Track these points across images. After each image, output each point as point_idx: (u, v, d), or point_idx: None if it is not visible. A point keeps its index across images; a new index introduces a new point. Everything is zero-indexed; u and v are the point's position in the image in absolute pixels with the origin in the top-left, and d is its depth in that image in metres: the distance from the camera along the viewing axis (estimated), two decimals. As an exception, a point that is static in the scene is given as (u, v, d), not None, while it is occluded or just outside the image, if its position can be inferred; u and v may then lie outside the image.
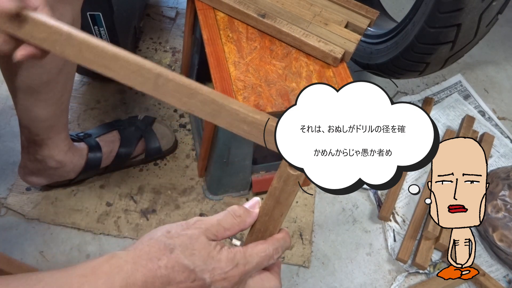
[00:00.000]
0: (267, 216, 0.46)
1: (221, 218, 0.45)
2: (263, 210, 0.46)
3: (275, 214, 0.46)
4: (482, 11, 0.81)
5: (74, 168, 0.89)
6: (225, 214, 0.45)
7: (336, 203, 1.02)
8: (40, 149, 0.82)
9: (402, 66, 0.97)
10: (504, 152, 1.15)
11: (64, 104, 0.79)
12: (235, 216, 0.45)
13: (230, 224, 0.45)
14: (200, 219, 0.44)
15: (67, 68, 0.73)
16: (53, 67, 0.70)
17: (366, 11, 0.87)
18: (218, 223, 0.44)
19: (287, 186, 0.45)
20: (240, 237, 0.94)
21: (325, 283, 0.92)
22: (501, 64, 1.36)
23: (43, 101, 0.74)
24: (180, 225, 0.43)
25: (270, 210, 0.46)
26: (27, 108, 0.75)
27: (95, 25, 0.95)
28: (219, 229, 0.44)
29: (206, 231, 0.43)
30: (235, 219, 0.45)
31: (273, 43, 0.84)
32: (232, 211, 0.46)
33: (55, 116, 0.78)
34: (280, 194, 0.45)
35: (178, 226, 0.43)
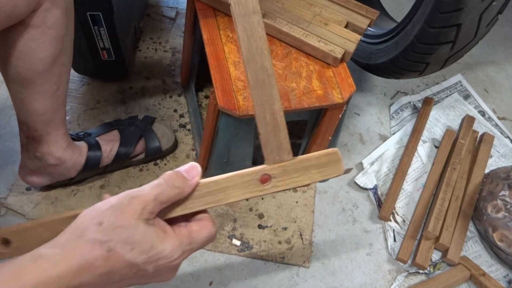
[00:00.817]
0: (210, 195, 0.44)
1: (159, 192, 0.40)
2: (207, 187, 0.44)
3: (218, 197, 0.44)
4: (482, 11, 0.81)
5: (74, 166, 0.89)
6: (162, 187, 0.41)
7: (336, 203, 1.02)
8: (39, 145, 0.82)
9: (402, 66, 0.97)
10: (504, 152, 1.15)
11: (61, 98, 0.79)
12: (174, 187, 0.41)
13: (168, 197, 0.41)
14: (134, 197, 0.40)
15: (62, 59, 0.74)
16: (48, 56, 0.71)
17: (366, 11, 0.87)
18: (155, 199, 0.40)
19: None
20: (239, 237, 0.94)
21: (325, 283, 0.92)
22: (501, 64, 1.36)
23: (40, 94, 0.75)
24: (112, 210, 0.39)
25: (215, 192, 0.44)
26: (23, 101, 0.75)
27: (95, 25, 0.96)
28: (156, 205, 0.40)
29: (142, 213, 0.39)
30: (173, 190, 0.41)
31: (273, 43, 0.84)
32: (170, 182, 0.42)
33: (52, 110, 0.78)
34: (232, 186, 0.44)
35: (110, 211, 0.38)
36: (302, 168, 0.45)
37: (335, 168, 0.46)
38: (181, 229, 0.42)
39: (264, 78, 0.47)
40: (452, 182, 1.03)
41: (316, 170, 0.45)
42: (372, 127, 1.16)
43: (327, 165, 0.46)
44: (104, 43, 1.00)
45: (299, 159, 0.45)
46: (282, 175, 0.45)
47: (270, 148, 0.46)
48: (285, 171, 0.45)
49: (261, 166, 0.45)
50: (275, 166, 0.45)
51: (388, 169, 1.09)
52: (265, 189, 0.45)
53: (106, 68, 1.08)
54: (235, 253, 0.93)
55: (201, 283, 0.89)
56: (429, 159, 1.11)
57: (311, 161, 0.45)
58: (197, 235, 0.42)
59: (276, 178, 0.45)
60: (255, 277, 0.90)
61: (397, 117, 1.18)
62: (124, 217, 0.38)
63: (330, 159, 0.45)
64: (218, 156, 0.88)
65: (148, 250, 0.39)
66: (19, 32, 0.66)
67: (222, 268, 0.91)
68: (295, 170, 0.45)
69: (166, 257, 0.40)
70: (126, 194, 0.40)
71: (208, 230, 0.43)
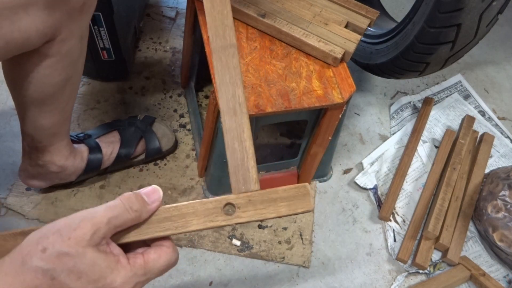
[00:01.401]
0: (169, 221, 0.42)
1: (113, 215, 0.37)
2: (166, 213, 0.42)
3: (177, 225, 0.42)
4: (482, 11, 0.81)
5: (75, 172, 0.90)
6: (118, 209, 0.38)
7: (336, 203, 1.02)
8: (42, 155, 0.82)
9: (402, 66, 0.97)
10: (504, 152, 1.15)
11: (68, 112, 0.79)
12: (131, 211, 0.38)
13: (123, 221, 0.38)
14: (84, 219, 0.36)
15: (73, 79, 0.73)
16: (60, 80, 0.69)
17: (366, 11, 0.87)
18: (108, 222, 0.37)
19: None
20: (239, 237, 0.94)
21: (325, 283, 0.92)
22: (501, 64, 1.36)
23: (48, 112, 0.74)
24: (59, 236, 0.35)
25: (174, 218, 0.42)
26: (31, 118, 0.75)
27: (95, 25, 0.96)
28: (110, 229, 0.37)
29: (92, 238, 0.36)
30: (130, 214, 0.38)
31: (273, 43, 0.84)
32: (128, 204, 0.39)
33: (58, 124, 0.78)
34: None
35: (55, 236, 0.35)
36: (268, 200, 0.43)
37: (303, 202, 0.43)
38: (136, 259, 0.39)
39: (235, 106, 0.48)
40: (452, 182, 1.03)
41: (284, 203, 0.43)
42: (372, 127, 1.16)
43: (295, 198, 0.43)
44: (104, 43, 1.00)
45: (266, 191, 0.44)
46: (247, 205, 0.43)
47: (236, 177, 0.45)
48: (250, 202, 0.43)
49: (225, 196, 0.43)
50: (240, 196, 0.44)
51: (388, 169, 1.09)
52: (227, 219, 0.42)
53: (106, 68, 1.08)
54: (235, 253, 0.93)
55: (201, 283, 0.89)
56: (429, 159, 1.11)
57: (278, 194, 0.43)
58: (154, 264, 0.39)
59: (240, 208, 0.43)
60: (255, 277, 0.90)
61: (397, 117, 1.18)
62: (70, 243, 0.35)
63: (298, 193, 0.43)
64: (218, 156, 0.88)
65: (96, 281, 0.36)
66: (32, 59, 0.64)
67: (222, 268, 0.91)
68: (261, 201, 0.43)
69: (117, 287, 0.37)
70: (76, 216, 0.37)
71: (167, 258, 0.40)
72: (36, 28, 0.57)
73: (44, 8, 0.57)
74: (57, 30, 0.61)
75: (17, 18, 0.54)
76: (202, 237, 0.93)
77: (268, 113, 0.75)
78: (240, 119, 0.47)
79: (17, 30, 0.55)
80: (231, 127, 0.47)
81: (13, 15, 0.54)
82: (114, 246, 0.39)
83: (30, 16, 0.56)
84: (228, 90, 0.48)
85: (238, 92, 0.48)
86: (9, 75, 0.70)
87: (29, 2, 0.55)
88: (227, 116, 0.47)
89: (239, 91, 0.48)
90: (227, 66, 0.49)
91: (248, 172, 0.45)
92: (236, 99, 0.48)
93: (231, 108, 0.48)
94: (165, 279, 0.88)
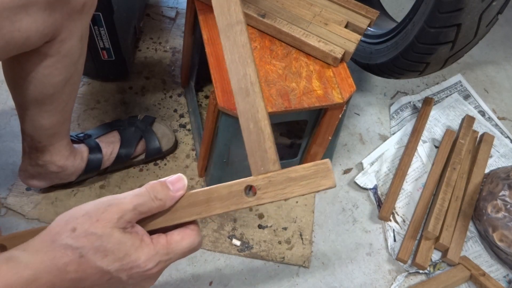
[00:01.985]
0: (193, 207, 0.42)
1: (139, 202, 0.39)
2: (190, 199, 0.42)
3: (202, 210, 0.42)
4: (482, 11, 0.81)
5: (75, 172, 0.90)
6: (144, 198, 0.40)
7: (336, 203, 1.02)
8: (42, 155, 0.82)
9: (402, 66, 0.97)
10: (504, 152, 1.15)
11: (68, 112, 0.79)
12: (156, 199, 0.40)
13: (148, 208, 0.40)
14: (112, 204, 0.38)
15: (73, 79, 0.73)
16: (60, 80, 0.69)
17: (366, 11, 0.87)
18: (134, 209, 0.39)
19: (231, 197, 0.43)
20: (239, 237, 0.94)
21: (325, 283, 0.92)
22: (501, 64, 1.36)
23: (48, 112, 0.74)
24: (88, 217, 0.38)
25: (198, 204, 0.42)
26: (31, 118, 0.75)
27: (95, 25, 0.96)
28: (135, 214, 0.39)
29: (119, 222, 0.38)
30: (155, 202, 0.40)
31: (273, 43, 0.84)
32: (153, 193, 0.40)
33: (58, 124, 0.78)
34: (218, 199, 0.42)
35: (84, 218, 0.38)
36: (288, 180, 0.42)
37: (325, 179, 0.42)
38: (159, 239, 0.41)
39: (247, 86, 0.46)
40: (452, 182, 1.03)
41: (305, 181, 0.42)
42: (372, 127, 1.16)
43: (316, 176, 0.42)
44: (104, 43, 1.00)
45: (286, 170, 0.43)
46: (267, 186, 0.42)
47: (254, 158, 0.44)
48: (270, 182, 0.43)
49: (246, 178, 0.43)
50: (259, 177, 0.43)
51: (388, 169, 1.09)
52: (249, 201, 0.42)
53: (106, 68, 1.08)
54: (235, 253, 0.93)
55: (201, 283, 0.89)
56: (429, 159, 1.11)
57: (299, 172, 0.42)
58: (177, 246, 0.41)
59: (261, 189, 0.42)
60: (255, 277, 0.90)
61: (397, 117, 1.18)
62: (98, 225, 0.37)
63: (319, 170, 0.42)
64: (218, 156, 0.88)
65: (121, 258, 0.38)
66: (32, 59, 0.64)
67: (222, 268, 0.91)
68: (281, 181, 0.42)
69: (140, 266, 0.39)
70: (104, 201, 0.39)
71: (190, 241, 0.42)
72: (36, 28, 0.57)
73: (45, 8, 0.57)
74: (57, 30, 0.61)
75: (17, 18, 0.54)
76: (202, 237, 0.93)
77: (268, 113, 0.75)
78: (253, 100, 0.45)
79: (17, 30, 0.55)
80: (244, 108, 0.45)
81: (13, 15, 0.54)
82: (138, 227, 0.40)
83: (31, 16, 0.56)
84: (238, 70, 0.46)
85: (249, 71, 0.46)
86: (9, 75, 0.70)
87: (29, 3, 0.55)
88: (240, 97, 0.46)
89: (250, 70, 0.46)
90: (235, 44, 0.47)
91: (266, 153, 0.44)
92: (248, 79, 0.46)
93: (243, 89, 0.46)
94: (165, 279, 0.88)
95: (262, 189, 0.42)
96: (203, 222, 0.95)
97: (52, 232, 0.38)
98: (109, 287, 0.40)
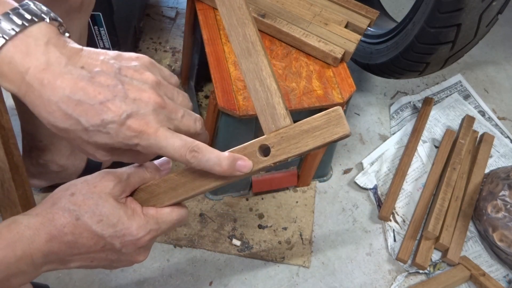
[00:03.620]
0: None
1: (132, 172, 0.43)
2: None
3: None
4: (482, 11, 0.81)
5: (75, 171, 0.90)
6: (136, 169, 0.44)
7: (336, 203, 1.02)
8: (43, 154, 0.82)
9: (402, 66, 0.97)
10: (504, 152, 1.15)
11: None
12: (147, 171, 0.44)
13: (140, 178, 0.44)
14: (108, 172, 0.42)
15: None
16: None
17: (366, 11, 0.87)
18: (127, 178, 0.42)
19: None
20: (239, 237, 0.94)
21: (325, 283, 0.92)
22: (501, 64, 1.36)
23: None
24: (86, 183, 0.41)
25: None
26: (31, 117, 0.75)
27: (95, 25, 0.96)
28: (128, 183, 0.43)
29: (114, 190, 0.41)
30: (146, 174, 0.44)
31: (273, 43, 0.84)
32: (144, 166, 0.45)
33: None
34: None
35: (83, 185, 0.41)
36: (301, 133, 0.41)
37: (338, 127, 0.40)
38: (149, 210, 0.43)
39: (248, 46, 0.46)
40: (452, 182, 1.03)
41: (318, 132, 0.41)
42: (372, 127, 1.16)
43: (329, 125, 0.41)
44: (104, 43, 1.00)
45: (297, 124, 0.42)
46: (280, 143, 0.42)
47: (264, 117, 0.44)
48: (283, 139, 0.42)
49: (259, 138, 0.42)
50: (271, 135, 0.42)
51: (388, 169, 1.09)
52: (265, 161, 0.42)
53: (106, 68, 1.08)
54: (235, 253, 0.93)
55: (201, 283, 0.89)
56: (429, 159, 1.11)
57: (310, 123, 0.41)
58: (167, 216, 0.43)
59: (274, 147, 0.42)
60: (255, 277, 0.90)
61: (397, 117, 1.18)
62: (96, 190, 0.40)
63: (331, 118, 0.41)
64: (218, 156, 0.88)
65: (115, 224, 0.40)
66: None
67: (222, 268, 0.91)
68: (293, 136, 0.41)
69: (132, 233, 0.40)
70: (101, 171, 0.42)
71: (179, 213, 0.44)
72: None
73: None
74: None
75: None
76: (202, 237, 0.93)
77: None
78: (256, 59, 0.45)
79: None
80: (248, 68, 0.45)
81: None
82: (131, 199, 0.43)
83: None
84: (237, 32, 0.46)
85: (248, 32, 0.46)
86: None
87: None
88: (242, 58, 0.46)
89: (248, 30, 0.46)
90: (231, 8, 0.47)
91: (275, 109, 0.44)
92: (248, 39, 0.46)
93: (245, 49, 0.46)
94: (165, 279, 0.88)
95: (275, 146, 0.42)
96: (203, 222, 0.95)
97: (53, 197, 0.41)
98: (104, 257, 0.41)
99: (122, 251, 0.41)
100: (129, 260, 0.43)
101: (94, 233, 0.39)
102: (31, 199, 0.55)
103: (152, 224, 0.42)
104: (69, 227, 0.38)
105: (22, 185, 0.54)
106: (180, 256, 0.91)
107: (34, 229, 0.38)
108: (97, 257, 0.41)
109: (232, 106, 0.74)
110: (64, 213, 0.39)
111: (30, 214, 0.40)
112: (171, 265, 0.90)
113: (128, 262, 0.44)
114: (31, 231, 0.38)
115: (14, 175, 0.53)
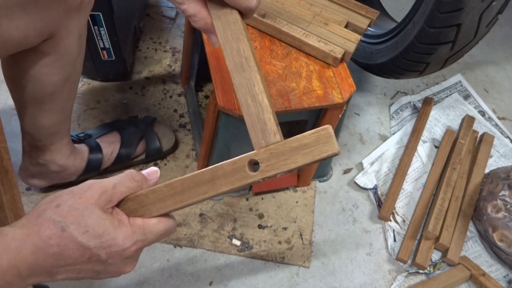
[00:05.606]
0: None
1: (118, 181, 0.42)
2: (196, 179, 0.44)
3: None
4: (482, 11, 0.81)
5: (75, 171, 0.90)
6: (123, 178, 0.43)
7: (336, 203, 1.02)
8: (43, 154, 0.82)
9: (402, 66, 0.97)
10: (504, 152, 1.15)
11: (68, 111, 0.79)
12: (134, 180, 0.44)
13: (126, 187, 0.43)
14: (94, 183, 0.42)
15: (72, 78, 0.73)
16: (59, 79, 0.69)
17: (366, 11, 0.87)
18: (113, 187, 0.42)
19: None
20: (239, 237, 0.94)
21: (325, 283, 0.92)
22: (501, 64, 1.36)
23: (48, 111, 0.74)
24: (72, 195, 0.40)
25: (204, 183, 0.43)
26: (31, 117, 0.75)
27: (95, 25, 0.96)
28: (115, 193, 0.42)
29: (99, 200, 0.40)
30: (133, 183, 0.44)
31: (273, 43, 0.84)
32: (131, 175, 0.44)
33: (58, 123, 0.78)
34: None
35: (68, 196, 0.40)
36: (291, 150, 0.41)
37: (327, 146, 0.40)
38: (135, 220, 0.43)
39: (241, 61, 0.46)
40: (452, 182, 1.03)
41: (307, 150, 0.41)
42: (372, 127, 1.16)
43: (318, 143, 0.41)
44: (104, 43, 1.00)
45: (287, 141, 0.42)
46: (270, 159, 0.42)
47: (255, 132, 0.44)
48: (272, 155, 0.42)
49: (248, 153, 0.43)
50: (261, 151, 0.42)
51: (388, 169, 1.09)
52: (254, 176, 0.42)
53: (106, 68, 1.08)
54: (235, 253, 0.93)
55: (201, 283, 0.89)
56: (429, 159, 1.11)
57: (300, 141, 0.41)
58: (153, 227, 0.43)
59: (263, 163, 0.42)
60: (255, 277, 0.90)
61: (397, 117, 1.18)
62: (81, 201, 0.40)
63: (320, 137, 0.41)
64: (218, 156, 0.88)
65: (100, 235, 0.39)
66: (30, 58, 0.64)
67: (222, 268, 0.91)
68: (283, 152, 0.42)
69: (118, 244, 0.40)
70: (87, 182, 0.42)
71: (166, 224, 0.44)
72: (34, 26, 0.57)
73: (42, 6, 0.57)
74: (55, 28, 0.61)
75: (15, 16, 0.54)
76: (202, 237, 0.93)
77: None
78: (249, 74, 0.46)
79: (15, 28, 0.55)
80: (241, 83, 0.46)
81: (11, 14, 0.54)
82: (117, 210, 0.43)
83: (28, 15, 0.56)
84: (232, 47, 0.47)
85: (242, 47, 0.47)
86: (7, 74, 0.70)
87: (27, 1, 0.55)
88: (236, 73, 0.46)
89: (242, 45, 0.47)
90: (227, 23, 0.48)
91: (266, 125, 0.44)
92: (242, 54, 0.46)
93: (238, 64, 0.46)
94: (165, 279, 0.88)
95: (264, 162, 0.42)
96: (203, 222, 0.95)
97: (38, 209, 0.41)
98: (90, 268, 0.41)
99: (109, 261, 0.41)
100: (115, 271, 0.43)
101: (80, 244, 0.39)
102: (19, 203, 0.55)
103: (138, 235, 0.42)
104: (54, 238, 0.38)
105: (10, 189, 0.54)
106: (180, 256, 0.91)
107: (20, 240, 0.38)
108: (84, 268, 0.41)
109: (232, 106, 0.74)
110: (50, 224, 0.38)
111: (16, 225, 0.39)
112: (171, 265, 0.90)
113: (115, 273, 0.43)
114: (17, 243, 0.38)
115: (3, 179, 0.53)
